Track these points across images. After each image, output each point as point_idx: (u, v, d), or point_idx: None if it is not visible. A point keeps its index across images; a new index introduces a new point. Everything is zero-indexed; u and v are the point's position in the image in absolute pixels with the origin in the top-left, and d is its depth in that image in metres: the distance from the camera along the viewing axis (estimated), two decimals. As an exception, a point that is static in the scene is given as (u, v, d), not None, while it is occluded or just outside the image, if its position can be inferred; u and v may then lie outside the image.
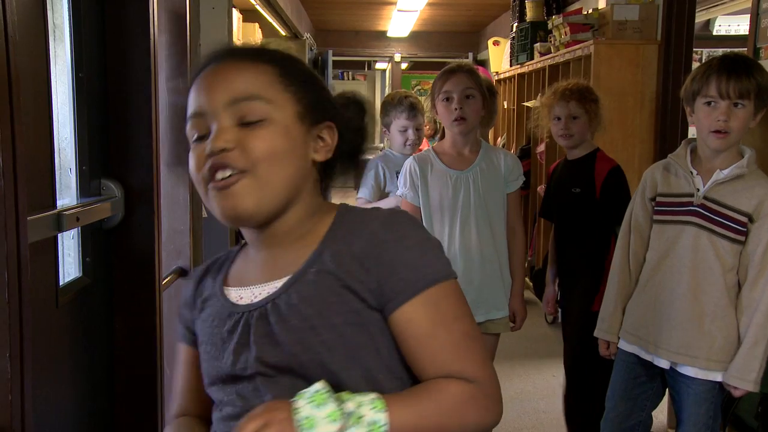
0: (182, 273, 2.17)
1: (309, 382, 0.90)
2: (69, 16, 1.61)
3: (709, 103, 1.99)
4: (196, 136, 0.97)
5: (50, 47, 1.49)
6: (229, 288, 1.04)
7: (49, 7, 1.48)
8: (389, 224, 0.98)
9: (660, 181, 2.16)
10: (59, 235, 1.48)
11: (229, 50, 1.01)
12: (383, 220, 0.99)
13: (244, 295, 1.01)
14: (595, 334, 2.30)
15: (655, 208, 2.16)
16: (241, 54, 1.00)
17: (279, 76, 0.98)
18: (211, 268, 1.12)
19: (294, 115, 0.98)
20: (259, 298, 0.99)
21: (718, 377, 2.05)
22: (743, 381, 2.00)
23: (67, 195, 1.64)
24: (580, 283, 2.73)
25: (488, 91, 2.65)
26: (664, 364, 2.12)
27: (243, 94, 0.95)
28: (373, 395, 0.90)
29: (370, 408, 0.88)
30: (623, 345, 2.22)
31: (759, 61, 3.33)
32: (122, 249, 1.73)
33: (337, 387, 0.91)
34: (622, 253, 2.24)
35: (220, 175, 0.93)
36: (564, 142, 2.73)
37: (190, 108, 0.98)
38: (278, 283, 0.98)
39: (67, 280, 1.61)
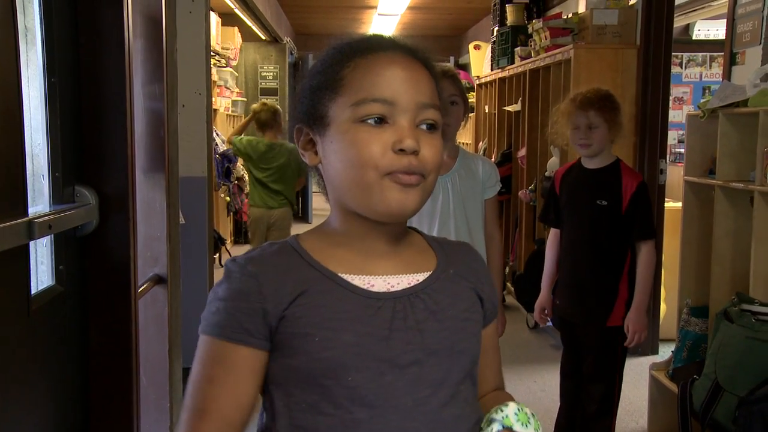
0: (159, 280, 2.14)
1: (453, 369, 0.99)
2: (40, 18, 1.57)
3: None
4: (375, 119, 0.97)
5: (21, 51, 1.46)
6: (350, 275, 1.00)
7: (19, 9, 1.45)
8: (472, 248, 1.16)
9: None
10: (31, 242, 1.45)
11: (409, 48, 1.03)
12: (465, 244, 1.17)
13: (375, 283, 1.00)
14: None
15: None
16: (417, 55, 1.02)
17: (435, 89, 1.03)
18: (266, 263, 1.01)
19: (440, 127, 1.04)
20: (399, 288, 1.00)
21: None
22: None
23: (39, 202, 1.61)
24: (593, 296, 2.65)
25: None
26: None
27: (431, 101, 0.99)
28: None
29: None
30: None
31: (734, 66, 3.37)
32: (97, 257, 1.70)
33: (470, 378, 1.03)
34: None
35: (407, 175, 0.97)
36: (583, 152, 2.65)
37: (376, 89, 0.97)
38: (420, 276, 1.03)
39: (39, 288, 1.58)
